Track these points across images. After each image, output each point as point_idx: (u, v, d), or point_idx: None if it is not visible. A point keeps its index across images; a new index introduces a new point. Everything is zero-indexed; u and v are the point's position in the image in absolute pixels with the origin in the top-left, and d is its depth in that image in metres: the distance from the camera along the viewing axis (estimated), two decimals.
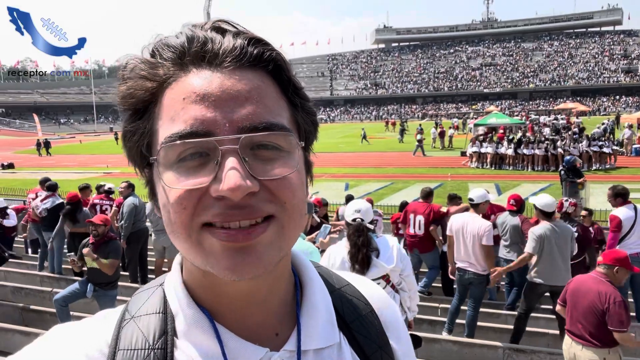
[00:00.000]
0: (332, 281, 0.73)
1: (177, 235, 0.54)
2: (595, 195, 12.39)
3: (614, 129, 28.24)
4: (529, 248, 5.23)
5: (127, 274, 7.72)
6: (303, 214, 0.57)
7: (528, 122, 31.84)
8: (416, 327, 5.38)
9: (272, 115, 0.54)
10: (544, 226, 5.22)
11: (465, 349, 5.19)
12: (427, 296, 6.96)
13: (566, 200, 6.01)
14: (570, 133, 21.63)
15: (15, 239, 10.77)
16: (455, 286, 6.09)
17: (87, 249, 5.29)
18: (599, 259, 3.96)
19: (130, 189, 7.86)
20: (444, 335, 5.56)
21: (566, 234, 5.24)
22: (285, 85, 0.58)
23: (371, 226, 3.45)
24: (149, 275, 7.77)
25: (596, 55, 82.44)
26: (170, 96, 0.54)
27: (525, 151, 19.97)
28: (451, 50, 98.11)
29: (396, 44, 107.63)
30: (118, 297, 5.64)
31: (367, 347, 0.68)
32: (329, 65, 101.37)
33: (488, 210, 6.61)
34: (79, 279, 5.73)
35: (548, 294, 5.43)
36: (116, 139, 40.24)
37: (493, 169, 20.44)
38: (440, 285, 7.50)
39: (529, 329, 5.53)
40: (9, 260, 6.48)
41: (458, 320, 5.74)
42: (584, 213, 7.32)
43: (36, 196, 8.60)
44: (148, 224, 7.96)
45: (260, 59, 0.55)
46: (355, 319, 0.69)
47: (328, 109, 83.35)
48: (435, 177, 18.31)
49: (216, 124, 0.52)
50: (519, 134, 23.47)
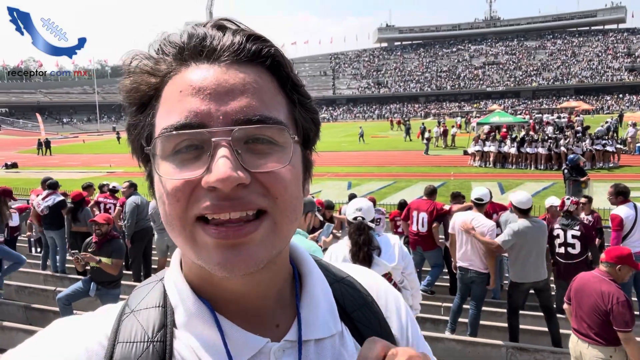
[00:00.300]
0: (332, 273, 0.73)
1: (173, 228, 0.55)
2: (599, 194, 12.33)
3: (617, 127, 28.15)
4: (501, 240, 5.25)
5: (131, 272, 7.74)
6: (296, 210, 0.57)
7: (531, 121, 31.77)
8: (419, 326, 5.37)
9: (268, 109, 0.54)
10: (521, 223, 5.25)
11: (469, 348, 5.18)
12: (430, 295, 6.95)
13: (568, 199, 5.99)
14: (572, 131, 21.54)
15: (19, 238, 10.83)
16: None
17: (89, 254, 5.29)
18: (602, 256, 3.93)
19: (132, 188, 7.87)
20: (447, 334, 5.55)
21: (542, 230, 5.32)
22: (283, 81, 0.58)
23: (372, 224, 3.45)
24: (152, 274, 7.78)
25: (599, 54, 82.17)
26: (169, 90, 0.56)
27: (528, 150, 19.92)
28: (454, 49, 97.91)
29: (399, 43, 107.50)
30: (121, 296, 5.65)
31: (369, 336, 0.68)
32: (331, 64, 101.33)
33: (490, 209, 6.60)
34: (83, 277, 5.74)
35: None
36: (118, 138, 40.37)
37: (496, 167, 20.41)
38: (444, 284, 7.50)
39: (532, 327, 5.52)
40: None
41: (461, 319, 5.73)
42: (583, 200, 7.38)
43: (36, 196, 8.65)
44: (152, 223, 7.97)
45: (258, 55, 0.56)
46: (357, 309, 0.70)
47: (330, 108, 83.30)
48: (438, 176, 18.29)
49: (210, 116, 0.52)
50: (522, 133, 23.41)
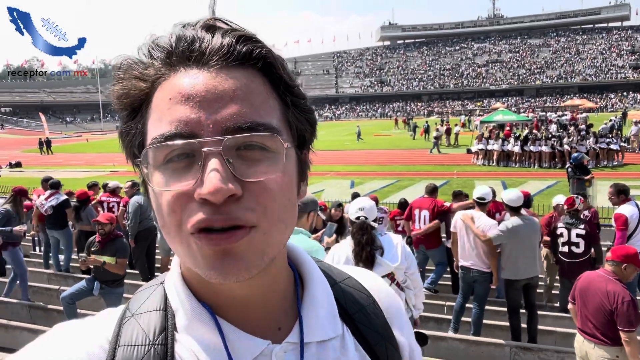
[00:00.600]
0: (333, 275, 0.73)
1: (171, 237, 0.55)
2: (603, 193, 12.27)
3: (621, 125, 28.02)
4: (492, 235, 5.27)
5: (134, 271, 7.75)
6: (286, 220, 0.56)
7: (534, 119, 31.68)
8: (422, 325, 5.37)
9: (259, 115, 0.53)
10: (513, 220, 5.25)
11: (472, 347, 5.17)
12: (434, 294, 6.93)
13: (577, 197, 5.97)
14: (575, 130, 21.46)
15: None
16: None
17: (94, 256, 5.29)
18: (607, 255, 3.91)
19: (135, 188, 7.87)
20: (450, 333, 5.54)
21: (533, 227, 5.32)
22: (276, 83, 0.57)
23: (375, 224, 3.44)
24: (156, 273, 7.80)
25: (603, 52, 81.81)
26: (159, 96, 0.54)
27: (532, 148, 19.86)
28: (457, 47, 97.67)
29: (401, 41, 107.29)
30: (125, 295, 5.67)
31: (371, 338, 0.69)
32: (334, 62, 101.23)
33: (493, 208, 6.58)
34: (86, 276, 5.75)
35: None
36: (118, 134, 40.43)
37: (499, 166, 20.36)
38: (446, 282, 7.49)
39: (538, 327, 5.50)
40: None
41: (464, 319, 5.72)
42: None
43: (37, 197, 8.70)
44: (155, 222, 7.99)
45: (249, 57, 0.54)
46: (358, 311, 0.70)
47: (333, 107, 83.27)
48: (440, 175, 18.26)
49: (200, 125, 0.51)
50: (526, 131, 23.34)
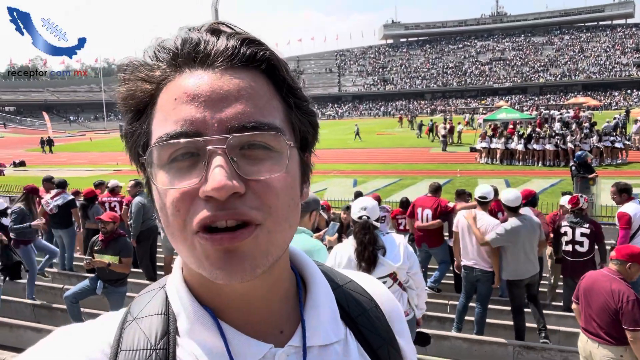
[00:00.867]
0: (335, 278, 0.73)
1: (175, 238, 0.55)
2: (607, 191, 12.24)
3: (625, 123, 27.87)
4: (490, 238, 5.21)
5: (137, 270, 7.76)
6: (290, 219, 0.56)
7: (537, 118, 31.53)
8: (425, 324, 5.35)
9: (263, 115, 0.54)
10: (512, 222, 5.19)
11: (475, 346, 5.16)
12: (437, 292, 6.93)
13: (581, 196, 5.94)
14: (578, 128, 21.35)
15: None
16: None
17: (98, 258, 5.31)
18: (612, 254, 3.90)
19: (137, 187, 7.87)
20: (453, 333, 5.54)
21: (533, 227, 5.28)
22: (279, 85, 0.58)
23: (377, 224, 3.43)
24: (159, 272, 7.82)
25: (607, 49, 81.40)
26: (164, 97, 0.55)
27: (535, 146, 19.79)
28: (460, 45, 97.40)
29: (404, 39, 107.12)
30: (128, 294, 5.68)
31: (374, 342, 0.69)
32: (337, 61, 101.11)
33: (495, 207, 6.54)
34: (90, 275, 5.76)
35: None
36: (122, 135, 40.64)
37: (503, 164, 20.30)
38: (449, 281, 7.48)
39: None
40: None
41: (467, 318, 5.71)
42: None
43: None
44: (158, 222, 7.98)
45: (253, 59, 0.55)
46: (361, 314, 0.70)
47: (336, 105, 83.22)
48: (444, 173, 18.24)
49: (205, 124, 0.52)
50: (529, 129, 23.25)
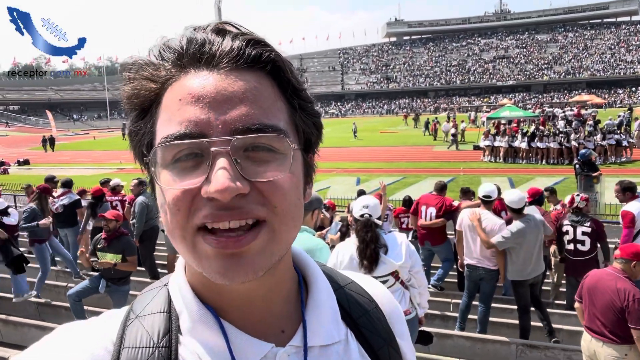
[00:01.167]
0: (337, 279, 0.74)
1: (175, 237, 0.55)
2: (611, 190, 12.20)
3: (629, 121, 27.73)
4: (496, 241, 5.18)
5: (140, 269, 7.77)
6: (295, 218, 0.57)
7: (541, 116, 31.40)
8: (428, 323, 5.35)
9: (267, 117, 0.54)
10: (518, 224, 5.15)
11: (478, 345, 5.16)
12: (440, 291, 6.92)
13: (577, 195, 5.92)
14: (582, 126, 21.24)
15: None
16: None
17: (105, 260, 5.32)
18: (616, 252, 3.88)
19: (141, 186, 7.88)
20: (456, 331, 5.53)
21: (538, 227, 5.26)
22: (284, 86, 0.58)
23: (379, 222, 3.44)
24: (162, 270, 7.83)
25: (612, 47, 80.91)
26: (169, 97, 0.55)
27: (539, 144, 19.72)
28: (463, 43, 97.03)
29: (408, 37, 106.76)
30: (131, 292, 5.70)
31: (375, 342, 0.69)
32: (340, 59, 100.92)
33: (499, 206, 6.52)
34: (94, 274, 5.79)
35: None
36: (123, 134, 40.68)
37: (506, 162, 20.24)
38: (452, 280, 7.46)
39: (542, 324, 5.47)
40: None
41: (470, 316, 5.71)
42: (546, 193, 7.36)
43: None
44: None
45: (258, 60, 0.55)
46: (362, 315, 0.70)
47: (339, 104, 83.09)
48: (447, 172, 18.21)
49: (209, 125, 0.52)
50: (532, 127, 23.15)
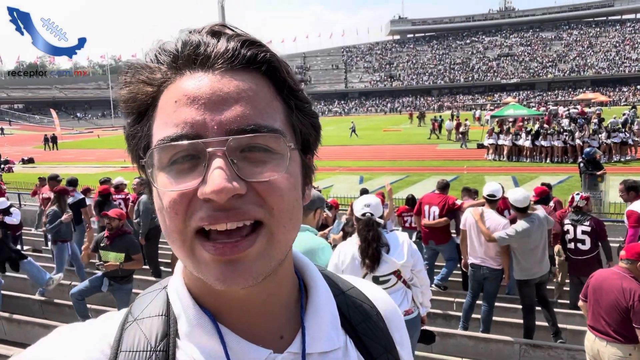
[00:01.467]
0: (338, 284, 0.73)
1: (173, 241, 0.55)
2: (615, 188, 12.15)
3: (634, 119, 27.59)
4: (498, 236, 5.15)
5: (145, 267, 7.80)
6: (293, 220, 0.56)
7: (545, 115, 31.29)
8: (430, 322, 5.34)
9: (263, 117, 0.54)
10: (522, 224, 5.12)
11: (481, 344, 5.14)
12: (443, 290, 6.90)
13: (577, 194, 5.89)
14: (585, 124, 21.13)
15: (35, 232, 11.02)
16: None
17: (110, 262, 5.34)
18: (622, 253, 3.87)
19: (144, 185, 7.91)
20: (459, 331, 5.51)
21: (542, 225, 5.22)
22: (280, 86, 0.58)
23: (381, 221, 3.43)
24: (166, 269, 7.85)
25: (617, 44, 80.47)
26: (165, 99, 0.55)
27: (543, 143, 19.64)
28: (467, 41, 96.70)
29: (411, 35, 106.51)
30: (134, 290, 5.71)
31: (374, 350, 0.68)
32: (343, 57, 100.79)
33: (502, 205, 6.48)
34: (98, 272, 5.80)
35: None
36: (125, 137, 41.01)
37: (510, 161, 20.17)
38: (456, 279, 7.45)
39: (547, 324, 5.45)
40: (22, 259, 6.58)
41: (473, 315, 5.69)
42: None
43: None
44: None
45: (253, 61, 0.55)
46: (362, 322, 0.69)
47: (342, 102, 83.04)
48: (450, 170, 18.17)
49: (205, 126, 0.52)
50: (537, 126, 23.07)
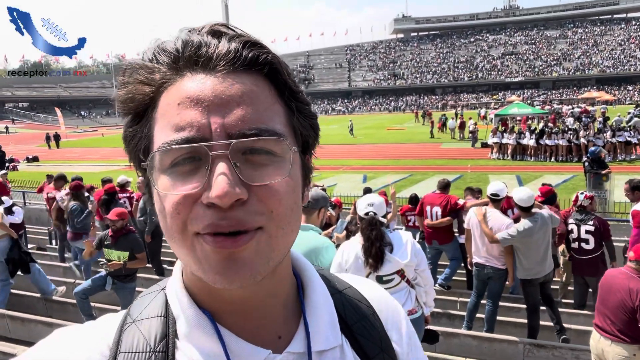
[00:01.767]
0: (334, 284, 0.73)
1: (175, 241, 0.54)
2: (620, 187, 12.10)
3: (632, 118, 27.44)
4: (501, 237, 5.12)
5: (148, 266, 7.81)
6: (292, 223, 0.56)
7: (552, 113, 31.17)
8: (434, 321, 5.33)
9: (265, 120, 0.54)
10: (525, 223, 5.09)
11: (485, 344, 5.13)
12: (447, 290, 6.89)
13: (581, 193, 5.87)
14: (590, 123, 21.04)
15: (39, 230, 11.06)
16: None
17: (114, 262, 5.35)
18: (630, 254, 3.85)
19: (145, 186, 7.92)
20: (463, 330, 5.50)
21: (546, 224, 5.19)
22: (281, 89, 0.58)
23: (384, 220, 3.43)
24: (169, 267, 7.87)
25: (622, 43, 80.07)
26: (166, 101, 0.55)
27: (547, 142, 19.57)
28: (471, 39, 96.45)
29: (415, 34, 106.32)
30: (137, 289, 5.72)
31: (370, 350, 0.68)
32: (347, 56, 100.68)
33: (505, 204, 6.46)
34: (102, 270, 5.82)
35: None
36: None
37: (514, 160, 20.10)
38: (461, 278, 7.43)
39: (550, 324, 5.43)
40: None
41: (477, 315, 5.67)
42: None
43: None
44: None
45: (255, 62, 0.55)
46: (357, 321, 0.69)
47: (346, 101, 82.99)
48: (454, 169, 18.13)
49: (208, 129, 0.52)
50: (541, 124, 22.99)
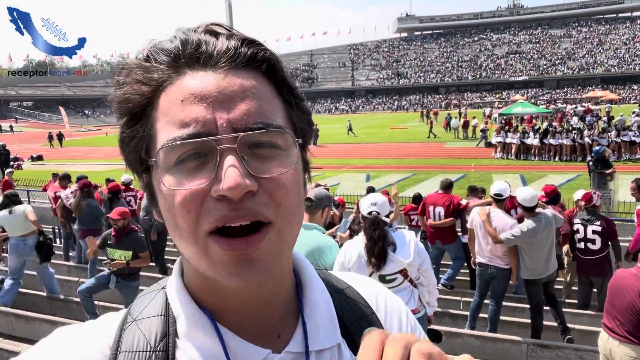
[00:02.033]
0: (332, 283, 0.73)
1: (184, 240, 0.54)
2: (625, 187, 12.04)
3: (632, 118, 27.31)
4: (504, 237, 5.10)
5: (151, 264, 7.83)
6: (297, 215, 0.57)
7: (559, 113, 31.04)
8: (437, 321, 5.32)
9: (268, 114, 0.55)
10: (529, 224, 5.06)
11: (488, 344, 5.11)
12: (450, 290, 6.87)
13: (595, 193, 5.85)
14: (595, 122, 20.93)
15: (43, 228, 11.08)
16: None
17: (117, 261, 5.37)
18: None
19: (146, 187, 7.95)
20: (466, 330, 5.49)
21: (550, 224, 5.15)
22: (279, 84, 0.59)
23: (387, 219, 3.42)
24: (172, 266, 7.89)
25: (627, 42, 79.72)
26: (168, 99, 0.55)
27: (551, 141, 19.50)
28: (475, 38, 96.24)
29: (419, 33, 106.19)
30: (140, 287, 5.74)
31: None
32: (350, 55, 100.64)
33: (509, 204, 6.43)
34: (105, 269, 5.84)
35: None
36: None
37: (518, 159, 20.04)
38: (464, 278, 7.42)
39: (554, 324, 5.42)
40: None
41: (480, 315, 5.66)
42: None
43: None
44: None
45: (254, 59, 0.56)
46: (355, 322, 0.69)
47: (349, 100, 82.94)
48: (458, 168, 18.10)
49: (214, 124, 0.52)
50: (545, 124, 22.90)
